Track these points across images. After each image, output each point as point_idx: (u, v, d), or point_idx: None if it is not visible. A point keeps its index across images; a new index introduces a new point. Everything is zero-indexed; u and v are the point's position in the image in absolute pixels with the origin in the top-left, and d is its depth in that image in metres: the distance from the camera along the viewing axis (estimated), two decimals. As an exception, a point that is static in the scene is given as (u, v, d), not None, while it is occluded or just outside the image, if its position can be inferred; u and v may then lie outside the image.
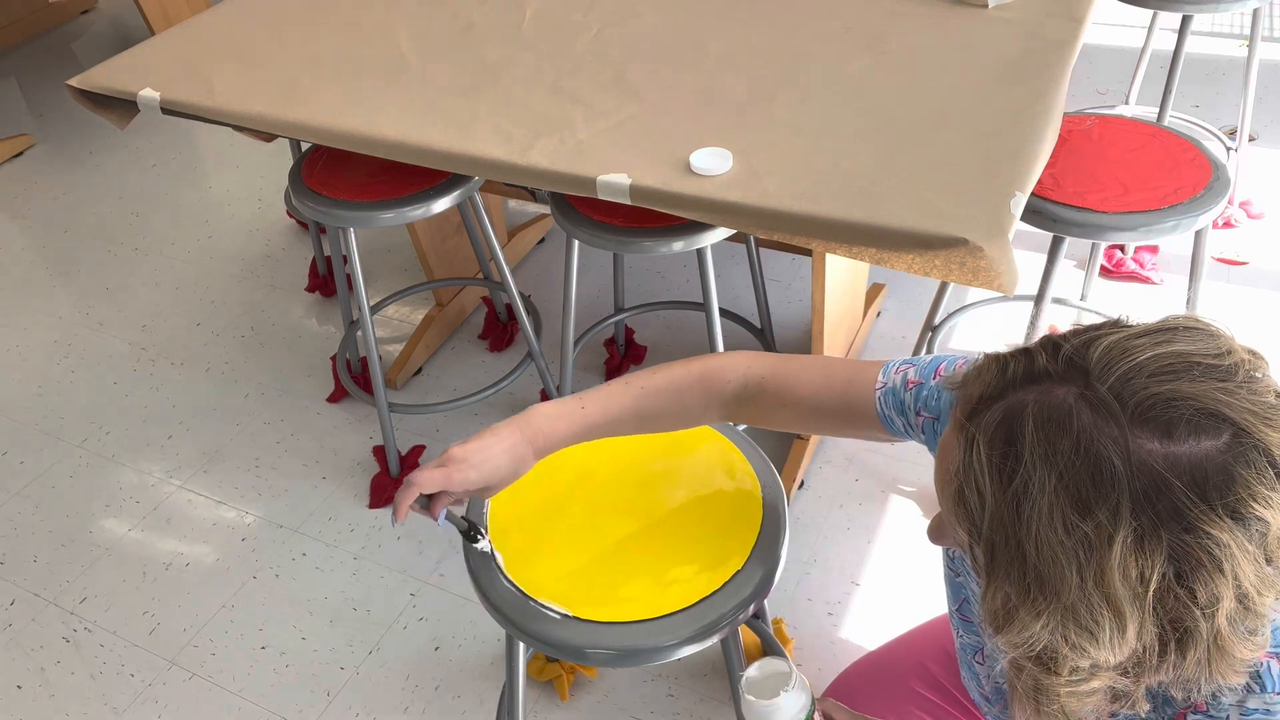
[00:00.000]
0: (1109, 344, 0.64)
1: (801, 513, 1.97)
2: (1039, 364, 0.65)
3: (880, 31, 1.75)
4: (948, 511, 0.70)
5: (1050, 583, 0.62)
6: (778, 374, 1.02)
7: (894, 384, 0.95)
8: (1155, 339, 0.64)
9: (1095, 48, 3.48)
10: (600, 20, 1.88)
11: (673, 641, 1.03)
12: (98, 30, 4.36)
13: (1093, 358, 0.63)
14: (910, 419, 0.94)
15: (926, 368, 0.94)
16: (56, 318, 2.68)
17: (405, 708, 1.71)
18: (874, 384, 0.97)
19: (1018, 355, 0.68)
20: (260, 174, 3.23)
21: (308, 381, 2.39)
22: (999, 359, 0.68)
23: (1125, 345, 0.63)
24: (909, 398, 0.94)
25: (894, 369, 0.96)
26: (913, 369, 0.95)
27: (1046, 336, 0.68)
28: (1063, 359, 0.65)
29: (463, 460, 0.98)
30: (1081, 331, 0.67)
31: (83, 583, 1.97)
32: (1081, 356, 0.64)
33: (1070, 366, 0.64)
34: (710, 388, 1.03)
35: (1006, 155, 1.40)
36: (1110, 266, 2.48)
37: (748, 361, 1.04)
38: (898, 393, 0.95)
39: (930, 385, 0.92)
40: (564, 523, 1.15)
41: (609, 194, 1.45)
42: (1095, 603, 0.61)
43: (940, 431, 0.91)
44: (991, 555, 0.65)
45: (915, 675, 1.22)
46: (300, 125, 1.65)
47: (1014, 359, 0.67)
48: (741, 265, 2.62)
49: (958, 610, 1.02)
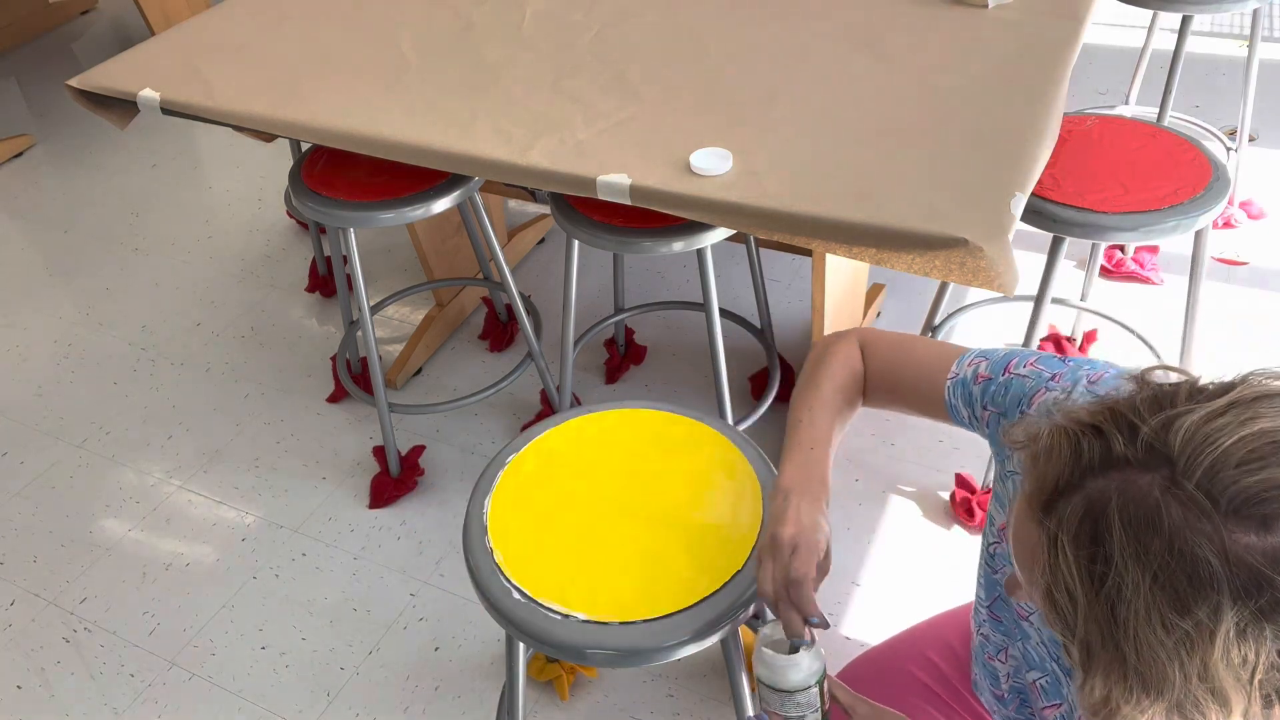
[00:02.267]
0: (1189, 427, 0.61)
1: (801, 513, 1.96)
2: (1116, 448, 0.62)
3: (880, 31, 1.75)
4: (1038, 604, 0.68)
5: (1153, 682, 0.60)
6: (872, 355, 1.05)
7: (965, 375, 0.96)
8: (1239, 416, 0.60)
9: (1095, 48, 3.48)
10: (600, 20, 1.88)
11: (673, 641, 1.03)
12: (98, 30, 4.36)
13: (1175, 445, 0.60)
14: (976, 411, 0.94)
15: (998, 362, 0.94)
16: (56, 318, 2.68)
17: (405, 708, 1.71)
18: (948, 373, 0.97)
19: (1090, 434, 0.64)
20: (260, 174, 3.23)
21: (308, 381, 2.39)
22: (1070, 437, 0.65)
23: (1207, 431, 0.60)
24: (977, 391, 0.94)
25: (968, 360, 0.97)
26: (985, 363, 0.95)
27: (1119, 411, 0.64)
28: (1142, 444, 0.62)
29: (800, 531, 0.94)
30: (1155, 404, 0.63)
31: (83, 583, 1.97)
32: (1162, 442, 0.61)
33: (1151, 454, 0.61)
34: (856, 377, 1.06)
35: (1006, 155, 1.40)
36: (1110, 266, 2.48)
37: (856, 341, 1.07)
38: (967, 384, 0.95)
39: (999, 381, 0.92)
40: (564, 523, 1.15)
41: (609, 194, 1.45)
42: (1200, 695, 0.59)
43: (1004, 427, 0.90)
44: (1088, 653, 0.63)
45: (917, 664, 1.22)
46: (300, 125, 1.65)
47: (1087, 439, 0.64)
48: (741, 265, 2.62)
49: (989, 606, 1.02)
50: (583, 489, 1.19)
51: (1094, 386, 0.83)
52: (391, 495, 2.06)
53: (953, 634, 1.24)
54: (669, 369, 2.33)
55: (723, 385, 1.82)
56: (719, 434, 1.24)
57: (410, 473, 2.09)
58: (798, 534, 0.94)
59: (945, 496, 1.97)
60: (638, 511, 1.16)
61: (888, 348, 1.04)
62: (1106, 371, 0.85)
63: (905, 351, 1.03)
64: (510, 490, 1.19)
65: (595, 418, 1.28)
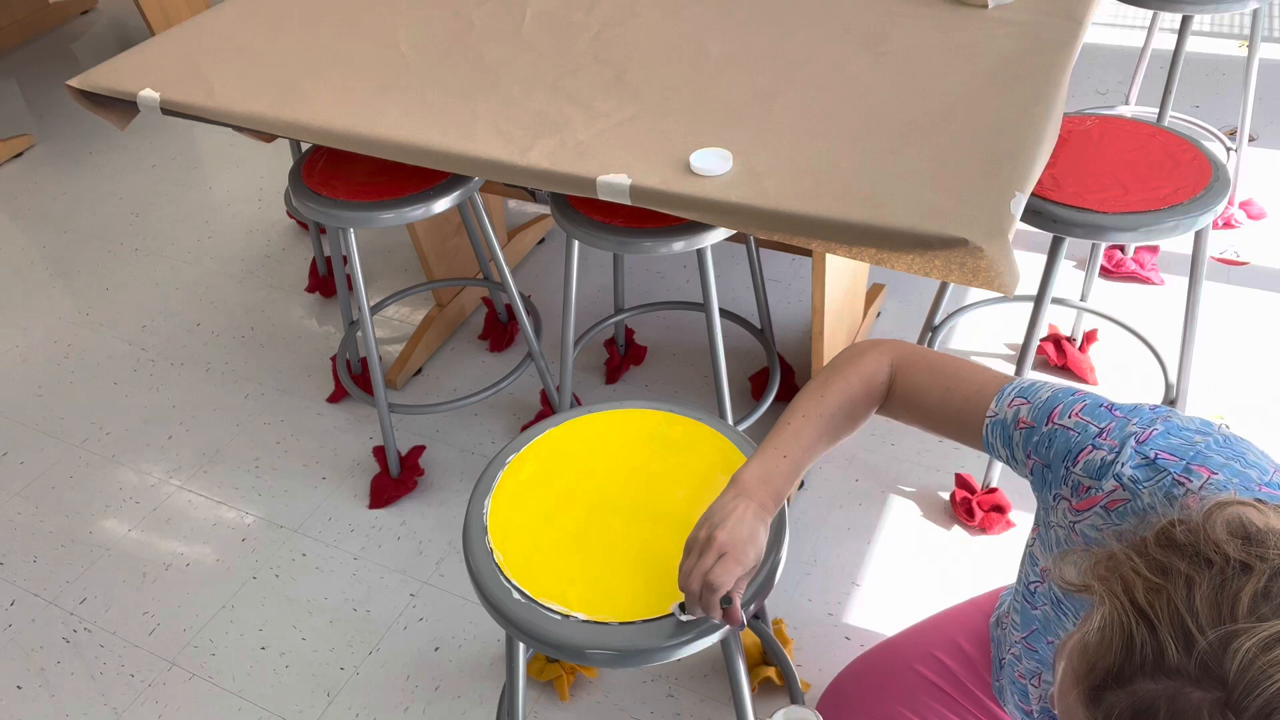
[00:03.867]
0: (1247, 653, 0.58)
1: (801, 513, 1.97)
2: (1170, 657, 0.60)
3: (880, 31, 1.75)
4: None
5: None
6: (905, 377, 1.03)
7: (1005, 417, 0.94)
8: None
9: (1095, 48, 3.48)
10: (600, 20, 1.88)
11: (673, 641, 1.03)
12: (98, 30, 4.36)
13: (1230, 671, 0.58)
14: (1017, 455, 0.93)
15: (1040, 409, 0.91)
16: (56, 318, 2.68)
17: (405, 708, 1.71)
18: (986, 410, 0.95)
19: (1145, 629, 0.62)
20: (260, 174, 3.23)
21: (308, 381, 2.39)
22: (1124, 628, 0.63)
23: (1264, 663, 0.58)
24: (1019, 436, 0.92)
25: (1008, 398, 0.94)
26: (1026, 406, 0.92)
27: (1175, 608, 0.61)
28: (1197, 659, 0.59)
29: (736, 540, 0.96)
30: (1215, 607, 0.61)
31: (83, 583, 1.97)
32: (1217, 664, 0.59)
33: (1205, 671, 0.59)
34: (871, 394, 1.04)
35: (1006, 155, 1.40)
36: (1110, 266, 2.48)
37: (890, 357, 1.04)
38: (1007, 427, 0.93)
39: (1042, 431, 0.90)
40: (564, 523, 1.15)
41: (609, 194, 1.45)
42: None
43: (1049, 481, 0.89)
44: None
45: (924, 664, 1.23)
46: (300, 125, 1.65)
47: (1141, 634, 0.62)
48: (741, 265, 2.62)
49: (1025, 639, 1.03)
50: (583, 489, 1.19)
51: (1142, 447, 0.82)
52: (391, 495, 2.06)
53: (959, 633, 1.24)
54: (669, 369, 2.33)
55: (723, 385, 1.82)
56: (719, 434, 1.24)
57: (410, 473, 2.09)
58: (729, 543, 0.96)
59: (945, 496, 1.97)
60: (638, 511, 1.16)
61: (926, 373, 1.01)
62: (1155, 428, 0.83)
63: (946, 379, 1.00)
64: (510, 490, 1.19)
65: (595, 418, 1.28)
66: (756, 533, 0.98)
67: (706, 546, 0.97)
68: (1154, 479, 0.80)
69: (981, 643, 1.21)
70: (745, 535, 0.97)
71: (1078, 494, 0.85)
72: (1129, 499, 0.81)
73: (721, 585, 0.95)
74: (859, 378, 1.04)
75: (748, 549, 0.96)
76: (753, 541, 0.97)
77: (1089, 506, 0.84)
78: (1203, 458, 0.79)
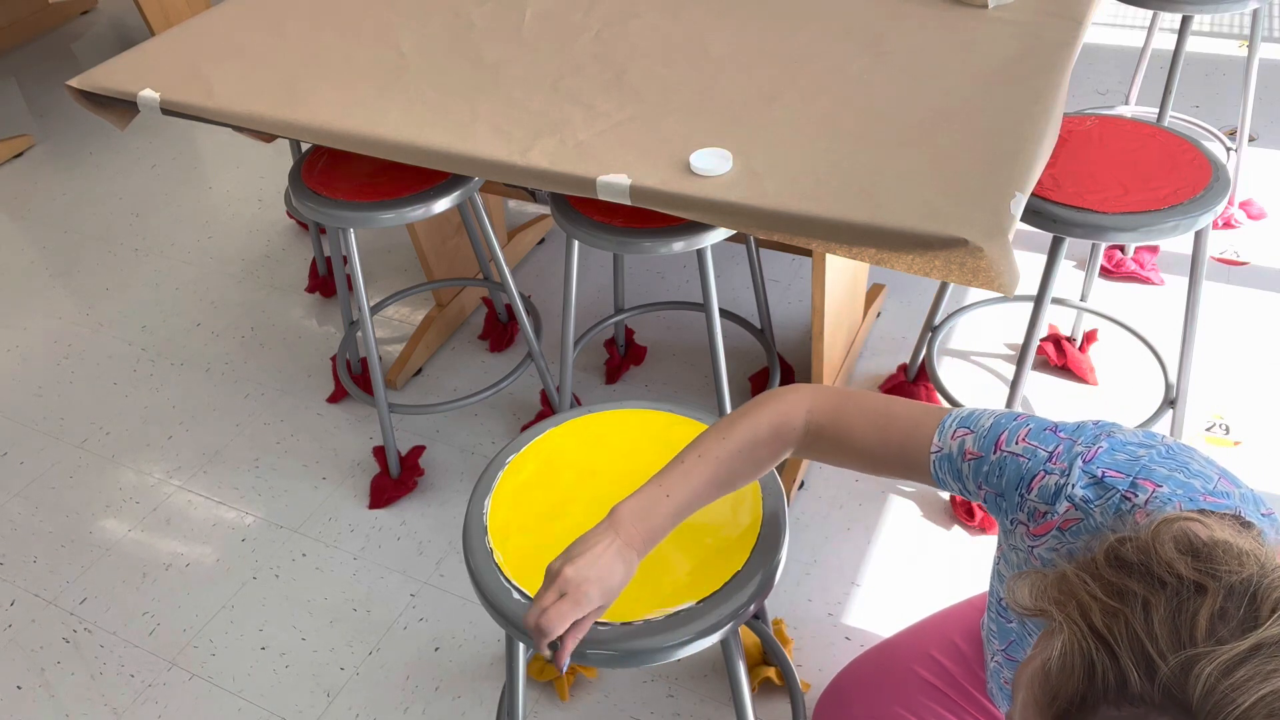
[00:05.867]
0: (1209, 678, 0.58)
1: (801, 513, 1.97)
2: (1132, 683, 0.60)
3: (880, 31, 1.75)
4: None
5: None
6: (836, 421, 0.99)
7: (950, 450, 0.91)
8: (1263, 666, 0.58)
9: (1095, 48, 3.48)
10: (600, 20, 1.88)
11: (673, 642, 1.03)
12: (98, 30, 4.36)
13: (1194, 694, 0.58)
14: (968, 486, 0.91)
15: (986, 437, 0.89)
16: (56, 318, 2.68)
17: (405, 708, 1.71)
18: (929, 445, 0.93)
19: (1105, 655, 0.61)
20: (260, 174, 3.23)
21: (308, 381, 2.39)
22: (1084, 655, 0.62)
23: (1227, 687, 0.58)
24: (967, 469, 0.90)
25: (950, 430, 0.92)
26: (970, 436, 0.90)
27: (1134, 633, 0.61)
28: (1160, 686, 0.59)
29: (582, 580, 0.93)
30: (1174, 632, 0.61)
31: (83, 583, 1.97)
32: (1180, 690, 0.59)
33: (1169, 698, 0.59)
34: (781, 440, 1.00)
35: (1006, 155, 1.40)
36: (1110, 267, 2.48)
37: (809, 404, 1.00)
38: (954, 460, 0.91)
39: (990, 460, 0.88)
40: (564, 523, 1.15)
41: (609, 194, 1.45)
42: None
43: (1004, 509, 0.88)
44: None
45: (921, 664, 1.23)
46: (300, 125, 1.65)
47: (1101, 659, 0.61)
48: (741, 265, 2.62)
49: (1004, 650, 1.03)
50: (583, 489, 1.19)
51: (1089, 466, 0.81)
52: (391, 495, 2.06)
53: (957, 633, 1.24)
54: (669, 369, 2.33)
55: (723, 385, 1.82)
56: (719, 434, 1.24)
57: (410, 473, 2.09)
58: (574, 581, 0.93)
59: (945, 497, 1.97)
60: (638, 512, 1.16)
61: (856, 414, 0.97)
62: (1099, 446, 0.82)
63: (878, 417, 0.96)
64: (510, 490, 1.19)
65: (595, 418, 1.28)
66: (611, 571, 0.94)
67: (551, 582, 0.94)
68: (1103, 497, 0.80)
69: (976, 640, 1.21)
70: (595, 574, 0.93)
71: (1034, 519, 0.85)
72: (1081, 518, 0.81)
73: (551, 630, 0.92)
74: (768, 421, 0.99)
75: (592, 589, 0.93)
76: (600, 581, 0.93)
77: (1046, 531, 0.84)
78: (1147, 471, 0.79)
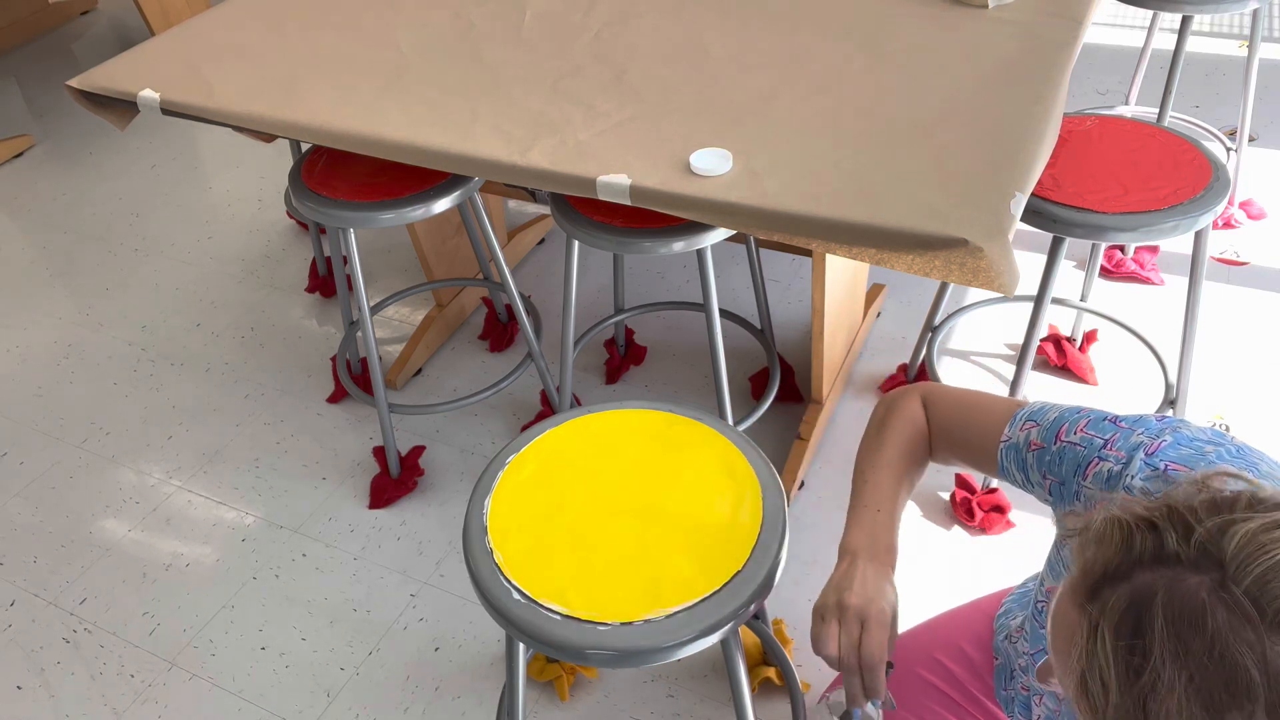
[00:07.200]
0: (1245, 534, 0.60)
1: (801, 513, 1.97)
2: (1169, 545, 0.62)
3: (880, 31, 1.75)
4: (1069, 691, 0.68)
5: None
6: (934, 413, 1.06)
7: (1018, 441, 0.96)
8: None
9: (1095, 48, 3.48)
10: (600, 20, 1.88)
11: (673, 642, 1.03)
12: (98, 30, 4.36)
13: (1228, 550, 0.60)
14: (1032, 477, 0.94)
15: (1049, 428, 0.93)
16: (56, 318, 2.68)
17: (405, 708, 1.71)
18: (1000, 435, 0.98)
19: (1144, 528, 0.64)
20: (260, 174, 3.23)
21: (308, 381, 2.39)
22: (1123, 528, 0.65)
23: (1263, 540, 0.60)
24: (1032, 459, 0.94)
25: (1020, 423, 0.96)
26: (1036, 429, 0.94)
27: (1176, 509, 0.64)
28: (1195, 544, 0.61)
29: (868, 603, 0.95)
30: (1214, 508, 0.64)
31: (83, 583, 1.97)
32: (1216, 546, 0.61)
33: (1203, 554, 0.61)
34: (921, 430, 1.07)
35: (1006, 155, 1.40)
36: (1110, 267, 2.48)
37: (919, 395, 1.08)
38: (1020, 451, 0.95)
39: (1052, 450, 0.92)
40: (564, 523, 1.15)
41: (609, 194, 1.45)
42: None
43: (1065, 496, 0.90)
44: None
45: (925, 667, 1.23)
46: (300, 125, 1.65)
47: (1140, 532, 0.64)
48: (741, 265, 2.62)
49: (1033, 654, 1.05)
50: (583, 489, 1.19)
51: (1151, 459, 0.82)
52: (391, 495, 2.06)
53: (962, 636, 1.23)
54: (669, 369, 2.33)
55: (723, 385, 1.82)
56: (719, 434, 1.24)
57: (410, 473, 2.09)
58: (865, 605, 0.95)
59: (945, 496, 1.97)
60: (638, 511, 1.16)
61: (949, 405, 1.04)
62: (1163, 439, 0.83)
63: (965, 409, 1.03)
64: (510, 490, 1.19)
65: (595, 418, 1.28)
66: (883, 589, 0.97)
67: (844, 617, 0.95)
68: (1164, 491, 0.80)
69: (983, 646, 1.21)
70: (875, 594, 0.96)
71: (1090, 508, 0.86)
72: None
73: (877, 660, 0.93)
74: (903, 422, 1.06)
75: (884, 606, 0.96)
76: (883, 597, 0.96)
77: None
78: (1212, 468, 0.78)
